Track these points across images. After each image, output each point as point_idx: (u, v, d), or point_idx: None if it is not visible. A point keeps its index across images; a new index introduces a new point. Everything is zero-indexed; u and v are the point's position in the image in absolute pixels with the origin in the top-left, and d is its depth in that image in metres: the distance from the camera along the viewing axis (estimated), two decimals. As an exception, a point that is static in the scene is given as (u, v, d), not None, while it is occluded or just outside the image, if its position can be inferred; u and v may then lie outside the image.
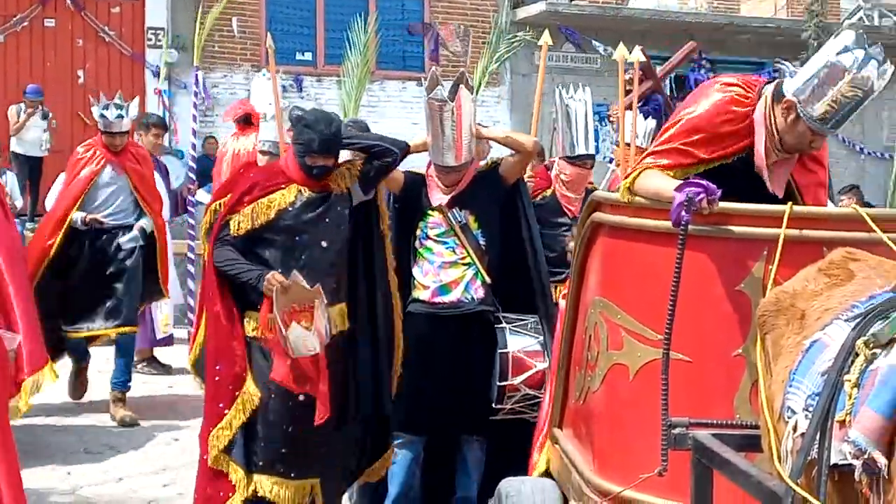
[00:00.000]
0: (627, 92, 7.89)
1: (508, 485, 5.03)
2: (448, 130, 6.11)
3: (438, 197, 6.38)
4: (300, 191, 5.88)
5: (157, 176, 9.97)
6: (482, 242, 6.35)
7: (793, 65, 18.50)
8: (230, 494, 5.84)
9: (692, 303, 4.13)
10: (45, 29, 16.25)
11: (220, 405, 5.85)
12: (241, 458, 5.82)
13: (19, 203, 14.00)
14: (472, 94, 6.20)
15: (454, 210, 6.34)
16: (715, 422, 3.98)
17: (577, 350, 4.95)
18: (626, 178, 4.60)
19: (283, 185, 5.89)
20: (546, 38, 7.37)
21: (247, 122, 10.44)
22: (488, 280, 6.31)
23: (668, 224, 4.15)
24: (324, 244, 5.87)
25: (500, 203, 6.46)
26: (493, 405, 6.27)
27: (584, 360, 4.76)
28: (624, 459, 4.39)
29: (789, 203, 4.07)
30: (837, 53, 4.16)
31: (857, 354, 3.09)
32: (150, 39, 16.94)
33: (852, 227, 4.03)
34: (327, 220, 5.89)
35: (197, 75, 12.87)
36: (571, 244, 5.65)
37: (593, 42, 18.62)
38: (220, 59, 17.18)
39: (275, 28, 17.56)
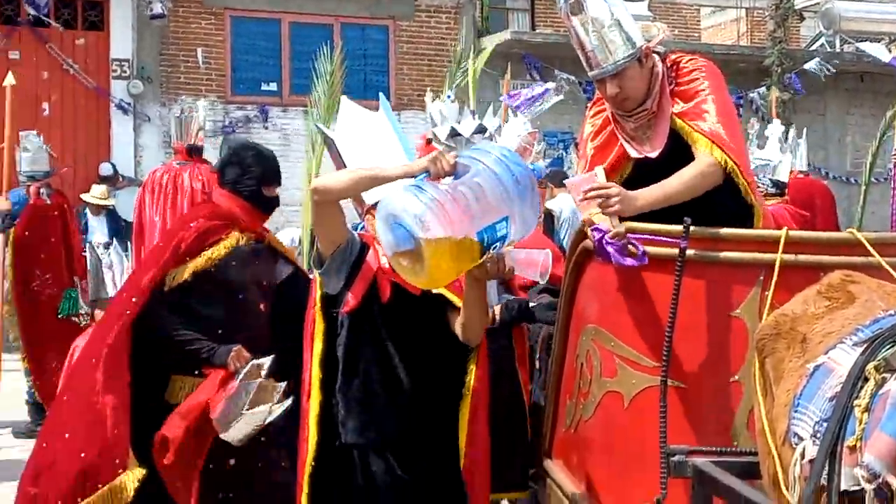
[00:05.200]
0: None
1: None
2: None
3: None
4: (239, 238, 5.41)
5: None
6: None
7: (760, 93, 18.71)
8: None
9: (688, 329, 4.11)
10: (9, 61, 16.07)
11: None
12: None
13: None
14: None
15: None
16: (715, 449, 3.95)
17: (567, 379, 4.90)
18: None
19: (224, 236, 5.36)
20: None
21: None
22: None
23: (663, 250, 4.15)
24: (262, 307, 5.41)
25: None
26: None
27: (575, 389, 4.72)
28: (620, 488, 4.35)
29: (785, 228, 4.07)
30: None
31: (867, 379, 3.07)
32: (114, 71, 16.81)
33: (849, 252, 4.02)
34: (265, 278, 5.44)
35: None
36: None
37: (556, 72, 18.63)
38: (184, 89, 17.08)
39: (239, 59, 17.58)
